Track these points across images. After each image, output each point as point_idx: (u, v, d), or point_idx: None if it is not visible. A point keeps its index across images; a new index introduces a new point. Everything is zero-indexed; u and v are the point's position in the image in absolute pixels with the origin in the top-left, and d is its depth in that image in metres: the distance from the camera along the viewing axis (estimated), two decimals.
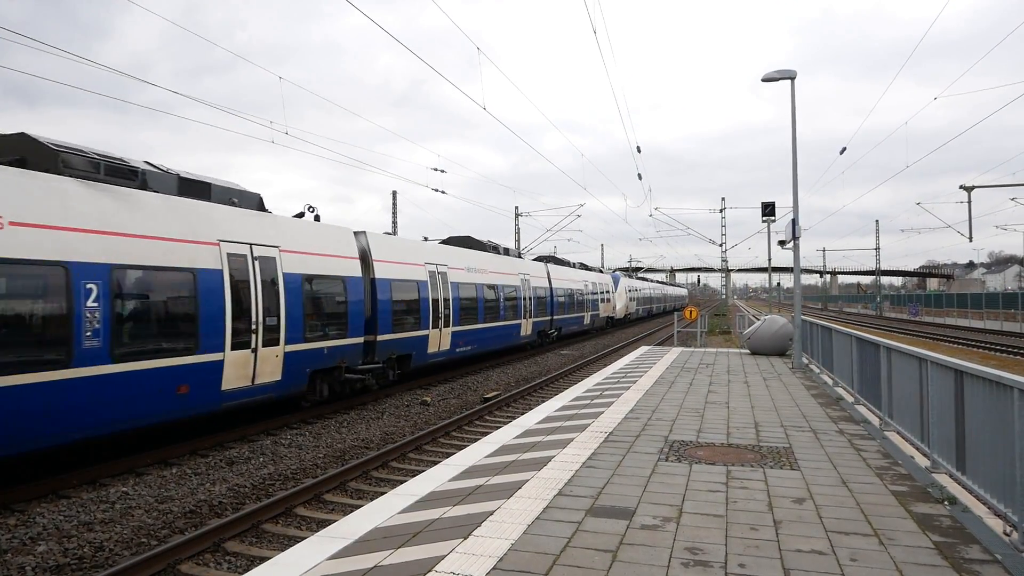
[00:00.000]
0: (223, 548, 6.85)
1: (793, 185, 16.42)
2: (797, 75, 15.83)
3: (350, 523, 5.37)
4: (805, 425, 9.01)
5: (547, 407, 10.62)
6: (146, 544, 6.90)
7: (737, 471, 6.68)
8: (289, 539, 7.09)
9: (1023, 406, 4.53)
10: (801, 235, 16.73)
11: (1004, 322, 45.02)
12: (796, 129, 16.18)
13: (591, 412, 10.00)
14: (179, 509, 7.88)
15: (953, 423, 5.95)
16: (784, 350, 18.85)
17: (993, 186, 38.43)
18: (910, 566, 4.34)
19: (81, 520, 7.44)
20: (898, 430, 8.03)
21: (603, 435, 8.35)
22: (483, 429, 12.63)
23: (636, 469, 6.76)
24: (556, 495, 5.89)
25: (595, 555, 4.55)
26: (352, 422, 13.09)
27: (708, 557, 4.50)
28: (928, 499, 5.75)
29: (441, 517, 5.41)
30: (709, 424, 9.06)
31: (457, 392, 17.02)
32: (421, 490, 6.20)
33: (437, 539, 4.90)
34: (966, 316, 51.69)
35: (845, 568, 4.32)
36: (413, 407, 14.81)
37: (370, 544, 4.87)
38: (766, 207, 23.79)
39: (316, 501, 8.44)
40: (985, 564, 4.38)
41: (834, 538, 4.85)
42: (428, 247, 19.56)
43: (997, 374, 5.03)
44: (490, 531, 5.03)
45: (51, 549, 6.64)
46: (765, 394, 11.73)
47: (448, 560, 4.49)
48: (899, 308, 77.87)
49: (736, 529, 5.03)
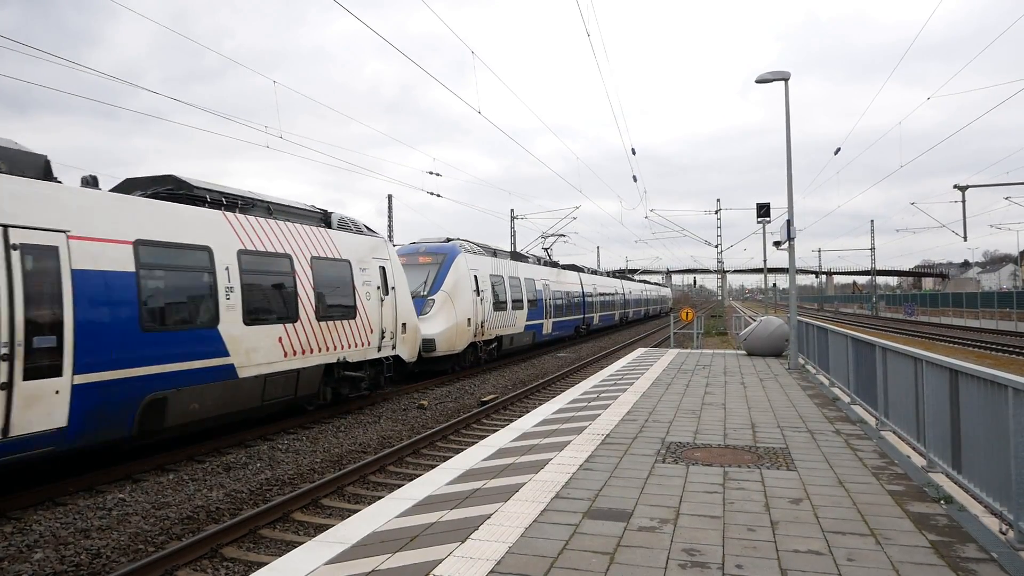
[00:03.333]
0: (220, 554, 6.83)
1: (788, 186, 16.46)
2: (791, 76, 15.89)
3: (347, 528, 5.37)
4: (801, 425, 9.03)
5: (544, 410, 10.63)
6: (143, 551, 6.88)
7: (734, 472, 6.70)
8: (287, 544, 7.08)
9: (1018, 405, 4.55)
10: (796, 236, 16.77)
11: (999, 321, 45.14)
12: (790, 131, 16.23)
13: (588, 415, 10.00)
14: (176, 515, 7.86)
15: (949, 422, 5.97)
16: (780, 351, 18.89)
17: (987, 185, 38.56)
18: (907, 565, 4.36)
19: (78, 527, 7.42)
20: (894, 430, 8.05)
21: (600, 437, 8.35)
22: (480, 432, 12.63)
23: (633, 471, 6.77)
24: (553, 498, 5.90)
25: (593, 557, 4.55)
26: (349, 427, 13.07)
27: (705, 558, 4.51)
28: (924, 498, 5.77)
29: (438, 521, 5.41)
30: (706, 425, 9.07)
31: (454, 396, 17.01)
32: (418, 494, 6.20)
33: (435, 543, 4.90)
34: (961, 315, 51.84)
35: (842, 568, 4.33)
36: (410, 411, 14.79)
37: (368, 549, 4.87)
38: (761, 208, 23.82)
39: (313, 506, 8.42)
40: (981, 563, 4.39)
41: (831, 538, 4.86)
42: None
43: (992, 373, 5.06)
44: (488, 534, 5.03)
45: (48, 556, 6.62)
46: (761, 395, 11.75)
47: (446, 564, 4.49)
48: (895, 308, 78.08)
49: (733, 530, 5.04)
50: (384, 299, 15.35)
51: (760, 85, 16.12)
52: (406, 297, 16.53)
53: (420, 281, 20.01)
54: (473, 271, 21.54)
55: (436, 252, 21.08)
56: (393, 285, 15.87)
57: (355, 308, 14.25)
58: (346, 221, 15.21)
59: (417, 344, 17.03)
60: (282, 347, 12.13)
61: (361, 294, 14.49)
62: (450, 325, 19.58)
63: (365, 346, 14.54)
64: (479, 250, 23.56)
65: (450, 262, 20.67)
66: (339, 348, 13.56)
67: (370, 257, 15.15)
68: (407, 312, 16.49)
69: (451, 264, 20.61)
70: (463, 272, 20.90)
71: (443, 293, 19.87)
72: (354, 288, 14.30)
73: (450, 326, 19.57)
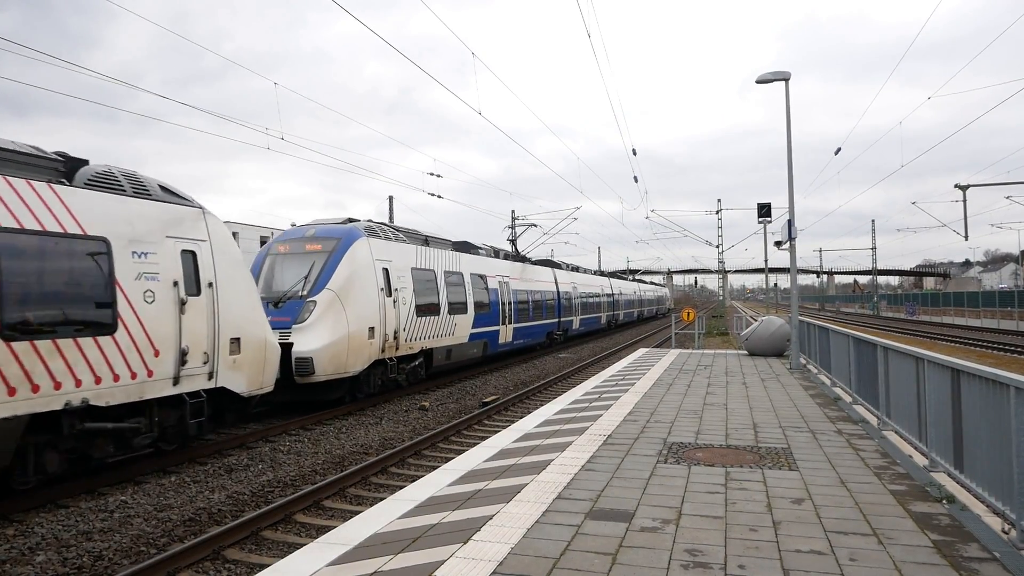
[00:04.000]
0: (222, 556, 6.84)
1: (789, 186, 16.46)
2: (791, 76, 15.89)
3: (349, 529, 5.37)
4: (803, 425, 9.02)
5: (545, 411, 10.63)
6: (145, 553, 6.88)
7: (736, 472, 6.69)
8: (289, 546, 7.08)
9: (1019, 404, 4.54)
10: (797, 236, 16.76)
11: (1000, 320, 45.11)
12: (791, 131, 16.23)
13: (590, 415, 10.00)
14: (178, 517, 7.86)
15: (950, 422, 5.96)
16: (782, 351, 18.88)
17: (988, 184, 38.49)
18: (909, 565, 4.35)
19: (80, 529, 7.43)
20: (896, 429, 8.05)
21: (602, 438, 8.35)
22: (482, 433, 12.63)
23: (635, 472, 6.76)
24: (555, 499, 5.90)
25: (595, 558, 4.55)
26: (351, 428, 13.08)
27: (708, 559, 4.50)
28: (926, 498, 5.76)
29: (441, 522, 5.41)
30: (707, 426, 9.07)
31: (456, 397, 17.02)
32: (420, 495, 6.20)
33: (437, 544, 4.90)
34: (963, 315, 51.81)
35: (844, 568, 4.32)
36: (411, 412, 14.80)
37: (370, 550, 4.87)
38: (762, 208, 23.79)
39: (315, 507, 8.42)
40: (984, 562, 4.39)
41: (833, 538, 4.86)
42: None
43: (993, 372, 5.05)
44: (490, 535, 5.03)
45: (50, 559, 6.62)
46: (763, 395, 11.74)
47: (448, 565, 4.49)
48: (896, 307, 78.04)
49: (735, 530, 5.04)
50: (189, 301, 10.11)
51: (760, 85, 16.13)
52: (242, 298, 11.34)
53: (299, 277, 14.74)
54: (382, 262, 16.03)
55: (325, 237, 15.49)
56: (211, 281, 10.64)
57: (114, 316, 8.98)
58: (113, 176, 9.72)
59: (266, 367, 11.74)
60: None
61: (131, 293, 9.26)
62: (338, 337, 14.09)
63: (140, 378, 9.25)
64: (397, 235, 18.03)
65: (344, 250, 15.05)
66: (72, 384, 8.36)
67: (160, 235, 9.94)
68: (243, 321, 11.22)
69: (345, 253, 15.01)
70: (363, 263, 15.32)
71: (329, 293, 14.34)
72: (114, 283, 9.05)
73: (338, 338, 14.07)
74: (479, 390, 18.20)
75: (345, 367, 14.38)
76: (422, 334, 17.68)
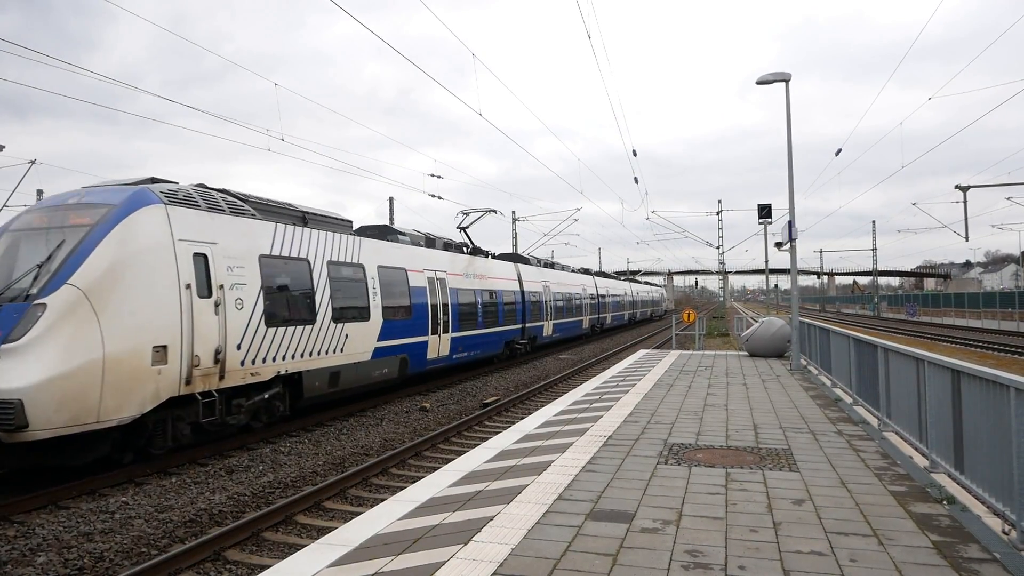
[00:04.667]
0: (223, 557, 6.84)
1: (789, 187, 16.47)
2: (791, 77, 15.90)
3: (350, 530, 5.37)
4: (804, 426, 9.03)
5: (546, 412, 10.63)
6: (146, 554, 6.89)
7: (736, 473, 6.70)
8: (289, 547, 7.08)
9: (1020, 405, 4.55)
10: (798, 237, 16.77)
11: (1001, 321, 45.11)
12: (791, 132, 16.23)
13: (590, 416, 10.01)
14: (179, 518, 7.86)
15: (951, 423, 5.97)
16: (782, 352, 18.88)
17: (988, 185, 38.57)
18: (909, 566, 4.36)
19: (81, 530, 7.43)
20: (896, 430, 8.05)
21: (602, 439, 8.36)
22: (482, 434, 12.63)
23: (636, 472, 6.77)
24: (556, 499, 5.90)
25: (595, 559, 4.56)
26: (351, 429, 13.08)
27: (708, 559, 4.51)
28: (927, 499, 5.77)
29: (441, 523, 5.41)
30: (708, 427, 9.07)
31: (456, 398, 17.02)
32: (421, 496, 6.21)
33: (437, 545, 4.90)
34: (963, 316, 51.79)
35: (845, 569, 4.33)
36: (412, 413, 14.80)
37: (370, 551, 4.87)
38: (762, 210, 23.82)
39: (316, 508, 8.43)
40: (984, 563, 4.39)
41: (834, 539, 4.86)
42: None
43: (994, 373, 5.06)
44: (490, 536, 5.03)
45: (51, 560, 6.63)
46: (763, 396, 11.74)
47: (449, 566, 4.50)
48: (896, 308, 78.01)
49: (736, 531, 5.04)
50: None
51: (759, 86, 16.13)
52: None
53: (30, 265, 9.33)
54: (192, 245, 10.46)
55: (94, 204, 9.99)
56: None
57: None
58: None
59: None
60: None
61: None
62: (78, 364, 8.70)
63: None
64: (238, 206, 12.04)
65: (112, 224, 9.59)
66: None
67: None
68: None
69: (113, 228, 9.54)
70: (148, 245, 9.84)
71: (69, 291, 8.89)
72: None
73: (77, 366, 8.69)
74: (480, 391, 18.21)
75: (96, 414, 8.88)
76: (279, 352, 12.10)
